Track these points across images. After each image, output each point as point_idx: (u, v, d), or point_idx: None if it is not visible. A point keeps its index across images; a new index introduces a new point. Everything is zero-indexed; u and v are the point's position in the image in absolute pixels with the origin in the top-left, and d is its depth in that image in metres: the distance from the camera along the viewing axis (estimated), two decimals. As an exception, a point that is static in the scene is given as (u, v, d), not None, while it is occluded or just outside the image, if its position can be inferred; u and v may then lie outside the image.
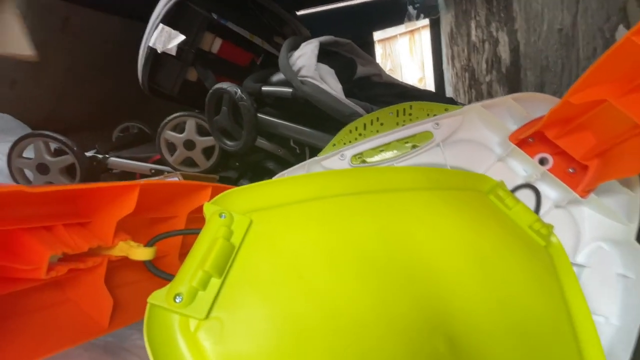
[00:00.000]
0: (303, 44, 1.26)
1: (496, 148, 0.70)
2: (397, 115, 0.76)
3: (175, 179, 1.18)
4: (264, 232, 0.46)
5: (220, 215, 0.46)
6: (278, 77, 1.36)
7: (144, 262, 0.56)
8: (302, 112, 1.28)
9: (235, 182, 1.66)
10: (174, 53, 1.32)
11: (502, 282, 0.54)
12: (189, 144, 1.53)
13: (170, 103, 1.58)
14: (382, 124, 0.77)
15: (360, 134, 0.78)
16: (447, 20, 2.46)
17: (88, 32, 1.78)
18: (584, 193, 0.62)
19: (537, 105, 0.67)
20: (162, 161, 1.61)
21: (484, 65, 1.64)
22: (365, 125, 0.78)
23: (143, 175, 1.65)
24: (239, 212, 0.47)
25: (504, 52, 1.33)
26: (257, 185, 0.52)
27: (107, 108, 2.23)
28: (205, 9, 1.36)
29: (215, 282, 0.42)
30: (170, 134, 1.52)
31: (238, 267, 0.44)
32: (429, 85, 3.42)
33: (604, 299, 0.63)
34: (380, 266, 0.46)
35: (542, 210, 0.66)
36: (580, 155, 0.61)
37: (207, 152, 1.55)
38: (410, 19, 2.84)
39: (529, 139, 0.67)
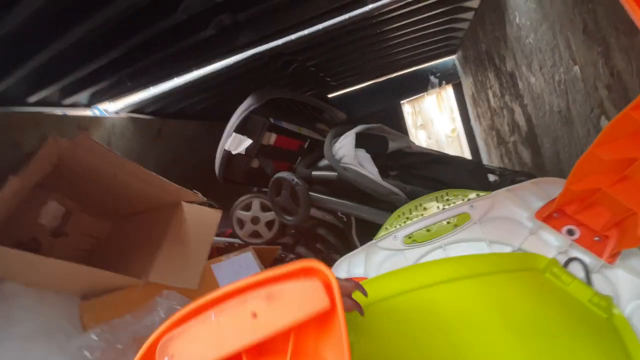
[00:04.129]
0: (342, 137, 1.54)
1: (526, 222, 0.83)
2: (437, 201, 0.93)
3: (249, 253, 1.43)
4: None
5: None
6: (324, 162, 1.67)
7: None
8: (345, 189, 1.55)
9: (292, 247, 1.94)
10: (243, 152, 1.68)
11: (570, 357, 0.59)
12: (255, 220, 1.90)
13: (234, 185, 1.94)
14: (425, 209, 0.94)
15: (407, 218, 0.95)
16: (467, 85, 2.70)
17: (176, 135, 2.33)
18: (611, 259, 0.72)
19: (555, 187, 0.81)
20: (232, 235, 1.96)
21: (506, 128, 1.80)
22: (410, 210, 0.95)
23: (218, 248, 1.94)
24: None
25: (521, 120, 1.49)
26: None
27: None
28: (264, 116, 1.75)
29: None
30: (240, 213, 1.90)
31: None
32: (461, 135, 3.58)
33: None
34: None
35: (580, 276, 0.76)
36: (599, 227, 0.73)
37: (269, 224, 1.92)
38: (433, 87, 3.12)
39: (554, 214, 0.79)
